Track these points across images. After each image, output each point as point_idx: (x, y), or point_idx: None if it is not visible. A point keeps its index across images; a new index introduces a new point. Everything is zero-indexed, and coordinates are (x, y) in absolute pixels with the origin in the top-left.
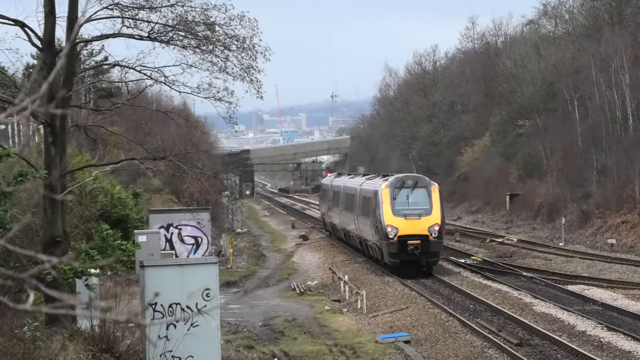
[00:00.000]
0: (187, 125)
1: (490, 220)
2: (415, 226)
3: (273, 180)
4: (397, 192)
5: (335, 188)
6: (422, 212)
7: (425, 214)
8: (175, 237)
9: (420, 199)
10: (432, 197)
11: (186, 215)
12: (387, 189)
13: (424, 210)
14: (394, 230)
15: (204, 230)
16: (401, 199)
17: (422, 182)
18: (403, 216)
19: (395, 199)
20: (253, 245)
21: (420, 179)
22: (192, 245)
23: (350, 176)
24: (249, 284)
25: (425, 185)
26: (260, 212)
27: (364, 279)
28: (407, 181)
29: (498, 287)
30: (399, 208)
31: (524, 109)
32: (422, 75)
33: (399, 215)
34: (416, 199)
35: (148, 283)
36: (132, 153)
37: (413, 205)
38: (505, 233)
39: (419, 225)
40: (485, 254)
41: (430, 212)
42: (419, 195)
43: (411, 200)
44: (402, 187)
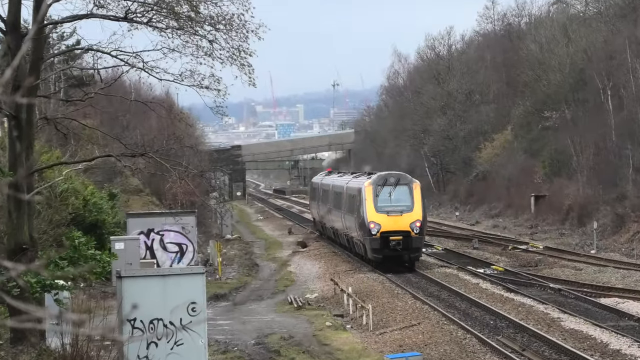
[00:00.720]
0: (170, 117)
1: (512, 225)
2: (397, 222)
3: (267, 179)
4: (380, 190)
5: (324, 187)
6: (404, 208)
7: (407, 210)
8: (156, 244)
9: (402, 196)
10: (413, 194)
11: (169, 220)
12: (370, 186)
13: (405, 207)
14: (376, 226)
15: (189, 236)
16: (384, 196)
17: (404, 180)
18: (385, 213)
19: (378, 196)
20: (245, 254)
21: (402, 177)
22: (176, 253)
23: (339, 175)
24: (240, 296)
25: (407, 183)
26: (253, 216)
27: (370, 291)
28: (390, 179)
29: (522, 301)
30: (382, 205)
31: (550, 99)
32: (435, 61)
33: (382, 212)
34: (398, 196)
35: (126, 296)
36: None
37: (395, 202)
38: (529, 239)
39: (401, 222)
40: (507, 263)
41: (411, 208)
42: (401, 192)
43: (393, 198)
44: (384, 185)
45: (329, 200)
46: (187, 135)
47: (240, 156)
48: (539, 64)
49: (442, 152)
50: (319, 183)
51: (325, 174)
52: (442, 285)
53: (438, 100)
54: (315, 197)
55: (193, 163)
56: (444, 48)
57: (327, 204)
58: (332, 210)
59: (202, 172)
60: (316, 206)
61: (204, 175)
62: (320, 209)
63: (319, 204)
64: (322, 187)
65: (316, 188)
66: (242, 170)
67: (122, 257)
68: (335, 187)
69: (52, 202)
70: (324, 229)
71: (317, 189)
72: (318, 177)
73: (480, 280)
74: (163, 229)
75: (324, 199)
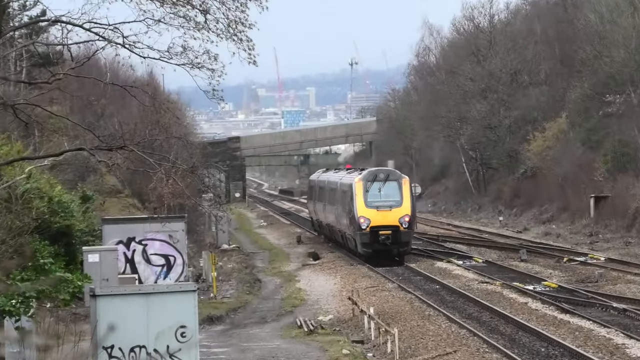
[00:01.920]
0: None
1: (568, 232)
2: (386, 217)
3: (271, 178)
4: (370, 185)
5: (321, 184)
6: (393, 204)
7: (396, 205)
8: (138, 256)
9: (392, 191)
10: (402, 189)
11: (153, 226)
12: (360, 182)
13: (395, 202)
14: (366, 221)
15: (178, 246)
16: (373, 191)
17: (394, 176)
18: (375, 208)
19: (368, 192)
20: (245, 267)
21: (391, 173)
22: (162, 266)
23: (334, 171)
24: (239, 318)
25: (397, 179)
26: (255, 222)
27: (396, 311)
28: (380, 175)
29: (579, 323)
30: (371, 200)
31: (613, 80)
32: (474, 34)
33: (371, 207)
34: (387, 191)
35: (102, 318)
36: (80, 141)
37: (385, 198)
38: (588, 250)
39: (390, 216)
40: (562, 278)
41: (400, 203)
42: (390, 188)
43: (383, 193)
44: (374, 180)
45: (324, 197)
46: (175, 124)
47: (239, 150)
48: (600, 37)
49: (483, 145)
50: (316, 181)
51: (322, 172)
52: (483, 305)
53: (477, 81)
54: (312, 196)
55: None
56: (484, 19)
57: (322, 201)
58: (327, 207)
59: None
60: (313, 205)
61: (195, 172)
62: (317, 207)
63: (315, 202)
64: (318, 184)
65: (313, 186)
66: (241, 166)
67: (96, 272)
68: (330, 184)
69: (12, 205)
70: (321, 227)
71: (314, 187)
72: (315, 175)
73: (529, 299)
74: (146, 238)
75: (320, 196)
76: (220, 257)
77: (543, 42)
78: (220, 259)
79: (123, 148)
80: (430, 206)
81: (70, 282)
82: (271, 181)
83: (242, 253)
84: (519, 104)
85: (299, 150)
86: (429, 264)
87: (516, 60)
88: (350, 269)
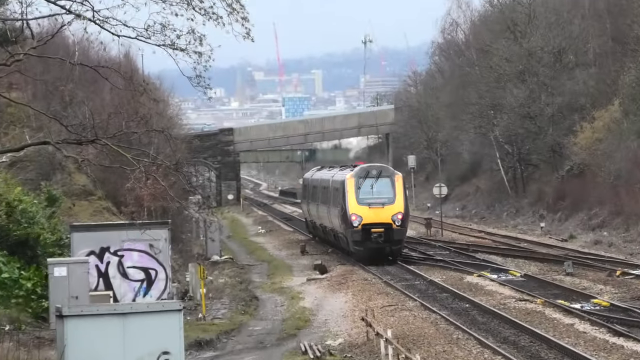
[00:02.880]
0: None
1: (621, 240)
2: (379, 215)
3: (271, 177)
4: (362, 182)
5: (314, 182)
6: (385, 201)
7: (388, 202)
8: (113, 269)
9: (384, 188)
10: (395, 186)
11: (131, 234)
12: (352, 178)
13: (387, 199)
14: (358, 218)
15: (160, 257)
16: (365, 188)
17: (386, 172)
18: (367, 205)
19: (360, 189)
20: (239, 282)
21: (384, 169)
22: (141, 282)
23: (329, 169)
24: (232, 343)
25: (389, 175)
26: (251, 229)
27: (419, 335)
28: (372, 171)
29: (634, 348)
30: (363, 197)
31: None
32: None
33: (363, 204)
34: (380, 188)
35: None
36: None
37: (377, 195)
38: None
39: (383, 214)
40: (615, 294)
41: (393, 201)
42: (382, 184)
43: (375, 190)
44: (366, 177)
45: (318, 196)
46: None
47: (232, 144)
48: None
49: (521, 137)
50: (309, 179)
51: (316, 169)
52: (521, 326)
53: (514, 62)
54: (306, 195)
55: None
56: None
57: (316, 201)
58: (320, 207)
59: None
60: (307, 204)
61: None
62: (310, 207)
63: (309, 201)
64: (311, 183)
65: (306, 185)
66: (234, 163)
67: (64, 288)
68: (323, 182)
69: None
70: (315, 228)
71: (308, 186)
72: (309, 173)
73: (576, 320)
74: (123, 248)
75: (314, 196)
76: (210, 271)
77: (592, 15)
78: (210, 273)
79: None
80: (459, 210)
81: (18, 283)
82: (270, 180)
83: (236, 265)
84: (564, 89)
85: (303, 144)
86: (456, 278)
87: (560, 37)
88: (364, 284)
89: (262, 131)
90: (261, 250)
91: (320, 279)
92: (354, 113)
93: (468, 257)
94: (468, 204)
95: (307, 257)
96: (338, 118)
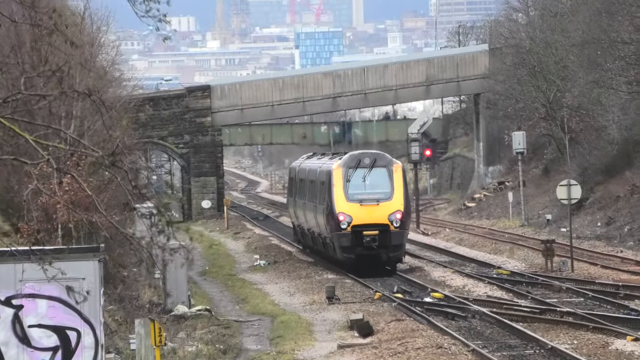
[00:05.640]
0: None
1: None
2: (372, 214)
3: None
4: (352, 173)
5: (301, 174)
6: (381, 196)
7: (384, 199)
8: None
9: (379, 180)
10: (393, 178)
11: (34, 270)
12: (339, 169)
13: (383, 194)
14: (347, 218)
15: (85, 310)
16: (356, 181)
17: (382, 161)
18: (358, 202)
19: (350, 182)
20: (221, 352)
21: (379, 157)
22: (53, 351)
23: (320, 157)
24: None
25: (386, 165)
26: (242, 258)
27: None
28: (364, 159)
29: None
30: (354, 192)
31: None
32: None
33: (354, 201)
34: (374, 180)
35: None
36: None
37: (370, 189)
38: None
39: (377, 213)
40: None
41: (390, 196)
42: (377, 176)
43: (368, 183)
44: (357, 167)
45: (304, 193)
46: (80, 65)
47: (208, 112)
48: None
49: None
50: (296, 170)
51: (306, 157)
52: None
53: None
54: (292, 192)
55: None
56: None
57: (303, 198)
58: (307, 205)
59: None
60: (293, 204)
61: (119, 161)
62: (297, 207)
63: (295, 199)
64: (298, 176)
65: (293, 178)
66: (214, 146)
67: None
68: (310, 174)
69: None
70: (303, 235)
71: (294, 179)
72: (297, 162)
73: None
74: (21, 294)
75: (300, 192)
76: (171, 332)
77: None
78: (171, 335)
79: None
80: (601, 226)
81: None
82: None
83: (216, 322)
84: None
85: (330, 113)
86: (597, 344)
87: None
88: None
89: (261, 91)
90: (259, 297)
91: (362, 345)
92: (418, 59)
93: (617, 307)
94: (617, 215)
95: (337, 306)
96: (391, 68)
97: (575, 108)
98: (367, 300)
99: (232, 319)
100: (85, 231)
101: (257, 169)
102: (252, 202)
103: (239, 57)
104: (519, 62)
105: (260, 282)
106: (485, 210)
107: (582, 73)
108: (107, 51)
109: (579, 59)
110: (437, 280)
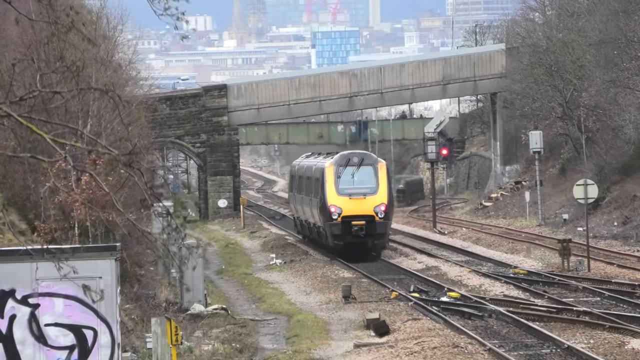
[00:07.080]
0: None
1: None
2: (360, 206)
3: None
4: (342, 170)
5: (300, 172)
6: (367, 191)
7: (370, 193)
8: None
9: (366, 177)
10: (378, 175)
11: (50, 269)
12: (331, 166)
13: (369, 189)
14: (337, 210)
15: (101, 309)
16: (346, 177)
17: (369, 160)
18: (347, 195)
19: (340, 178)
20: (238, 350)
21: (366, 156)
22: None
23: (317, 156)
24: None
25: (372, 163)
26: (259, 258)
27: None
28: (353, 158)
29: None
30: (344, 187)
31: None
32: None
33: (343, 195)
34: (362, 177)
35: None
36: None
37: (358, 184)
38: None
39: (364, 205)
40: None
41: (376, 191)
42: (364, 173)
43: (356, 179)
44: (347, 165)
45: (302, 188)
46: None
47: (225, 112)
48: None
49: None
50: (296, 167)
51: (305, 156)
52: None
53: None
54: (292, 187)
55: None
56: None
57: (301, 193)
58: (304, 199)
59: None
60: (293, 198)
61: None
62: (296, 201)
63: (295, 194)
64: (298, 173)
65: (293, 175)
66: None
67: None
68: (307, 172)
69: None
70: (302, 226)
71: (294, 176)
72: (297, 160)
73: None
74: (37, 292)
75: (299, 187)
76: (188, 331)
77: None
78: (187, 334)
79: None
80: (618, 225)
81: None
82: None
83: (232, 322)
84: None
85: (347, 109)
86: (614, 343)
87: None
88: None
89: (277, 90)
90: (276, 295)
91: (379, 345)
92: (435, 58)
93: (633, 306)
94: (634, 214)
95: (353, 306)
96: (408, 67)
97: (592, 107)
98: (383, 299)
99: (249, 318)
100: (102, 230)
101: (274, 168)
102: (269, 201)
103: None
104: (535, 61)
105: (277, 281)
106: (502, 209)
107: (599, 72)
108: (125, 50)
109: (595, 59)
110: (453, 280)
